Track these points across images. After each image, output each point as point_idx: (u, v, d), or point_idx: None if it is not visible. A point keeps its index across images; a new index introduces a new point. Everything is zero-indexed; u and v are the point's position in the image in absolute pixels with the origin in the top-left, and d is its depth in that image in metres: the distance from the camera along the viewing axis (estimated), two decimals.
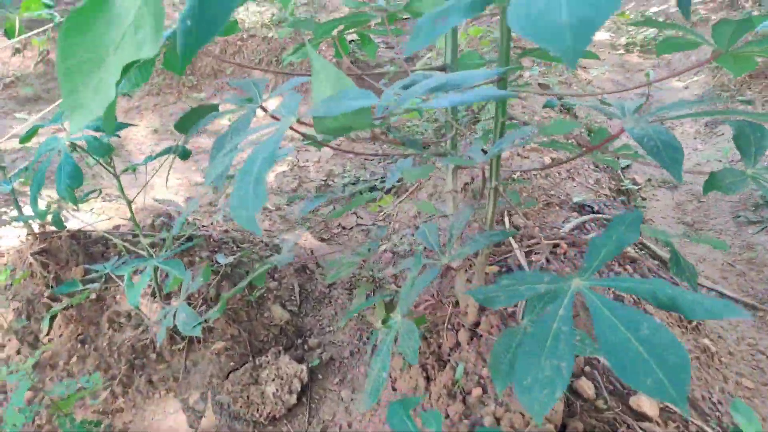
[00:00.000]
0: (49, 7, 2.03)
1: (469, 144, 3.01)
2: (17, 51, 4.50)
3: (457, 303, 1.83)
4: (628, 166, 3.43)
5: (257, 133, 0.90)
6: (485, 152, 1.36)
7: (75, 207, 1.37)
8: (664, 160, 0.96)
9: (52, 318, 1.81)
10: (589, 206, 2.51)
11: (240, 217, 0.63)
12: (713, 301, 0.83)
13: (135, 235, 2.10)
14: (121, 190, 1.60)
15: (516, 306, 1.77)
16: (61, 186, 1.28)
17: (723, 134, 3.84)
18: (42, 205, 2.01)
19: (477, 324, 1.73)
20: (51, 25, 2.13)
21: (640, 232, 1.06)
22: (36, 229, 2.00)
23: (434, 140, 1.50)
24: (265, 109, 1.24)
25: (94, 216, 2.28)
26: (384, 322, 1.57)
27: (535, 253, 1.94)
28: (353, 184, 3.22)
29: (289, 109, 0.91)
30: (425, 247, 2.26)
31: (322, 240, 2.66)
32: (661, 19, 5.82)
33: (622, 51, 5.90)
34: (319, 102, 0.75)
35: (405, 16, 1.61)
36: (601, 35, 6.23)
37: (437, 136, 3.25)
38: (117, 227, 2.18)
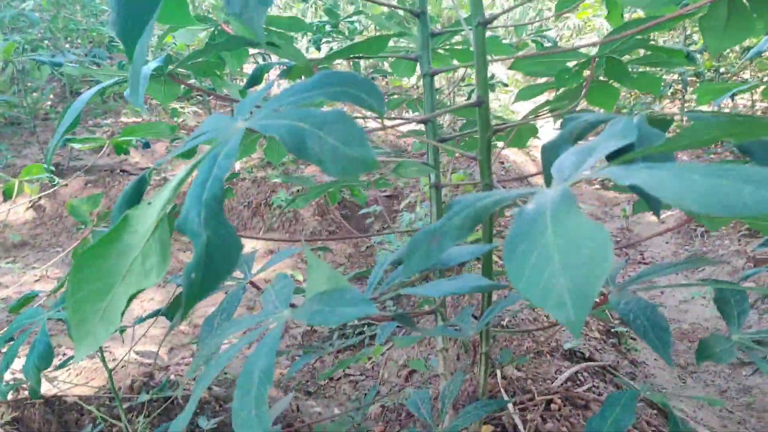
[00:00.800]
0: (50, 171, 2.11)
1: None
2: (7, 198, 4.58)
3: None
4: None
5: (246, 325, 0.89)
6: (476, 317, 1.36)
7: (36, 394, 1.30)
8: (652, 341, 0.97)
9: None
10: (580, 352, 2.48)
11: None
12: None
13: (113, 399, 2.01)
14: (103, 359, 1.56)
15: None
16: (29, 365, 1.23)
17: (704, 269, 3.92)
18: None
19: None
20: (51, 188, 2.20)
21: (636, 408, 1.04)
22: (9, 395, 1.91)
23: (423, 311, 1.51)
24: (255, 286, 1.26)
25: (70, 377, 2.20)
26: None
27: (530, 411, 1.87)
28: (340, 329, 3.18)
29: (281, 299, 0.91)
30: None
31: (308, 393, 2.56)
32: None
33: (597, 186, 6.19)
34: (314, 305, 0.75)
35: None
36: None
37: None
38: (96, 389, 2.09)
